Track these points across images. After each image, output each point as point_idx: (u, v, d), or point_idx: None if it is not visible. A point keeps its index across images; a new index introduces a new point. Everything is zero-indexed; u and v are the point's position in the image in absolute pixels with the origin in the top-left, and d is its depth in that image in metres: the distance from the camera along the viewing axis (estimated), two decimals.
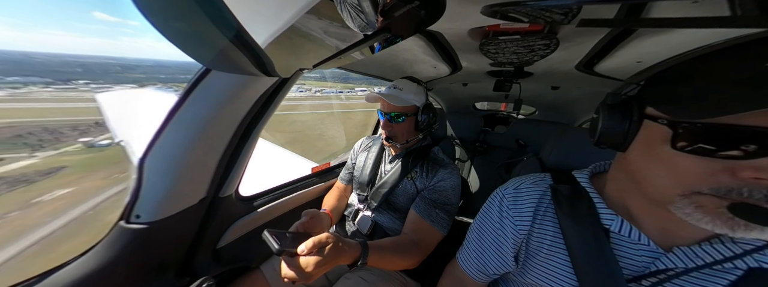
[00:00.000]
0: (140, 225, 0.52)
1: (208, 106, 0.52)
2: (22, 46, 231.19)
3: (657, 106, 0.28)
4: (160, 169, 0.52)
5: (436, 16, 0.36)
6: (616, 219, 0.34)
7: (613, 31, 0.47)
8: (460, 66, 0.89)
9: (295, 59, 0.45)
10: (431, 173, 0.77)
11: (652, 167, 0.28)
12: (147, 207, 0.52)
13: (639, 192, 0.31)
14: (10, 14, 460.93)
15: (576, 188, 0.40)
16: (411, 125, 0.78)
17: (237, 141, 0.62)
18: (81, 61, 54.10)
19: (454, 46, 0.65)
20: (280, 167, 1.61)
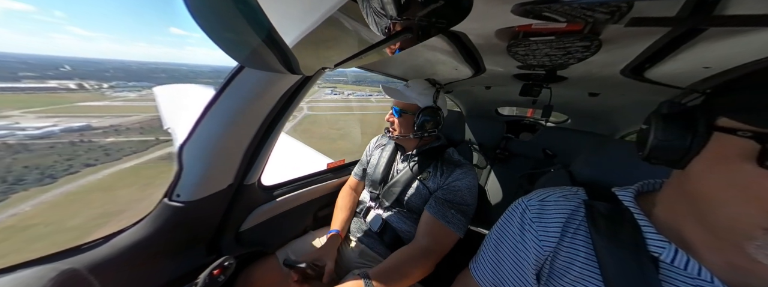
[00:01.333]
0: (179, 203, 0.60)
1: (239, 101, 0.57)
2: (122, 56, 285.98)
3: (735, 115, 0.23)
4: (196, 155, 0.59)
5: (461, 16, 0.35)
6: (669, 246, 0.29)
7: (673, 31, 0.41)
8: (483, 68, 0.85)
9: (318, 58, 0.47)
10: (446, 174, 0.75)
11: (726, 191, 0.23)
12: (185, 188, 0.60)
13: (700, 220, 0.27)
14: (112, 31, 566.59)
15: (617, 207, 0.35)
16: (408, 122, 0.79)
17: (262, 134, 0.67)
18: (162, 67, 64.16)
19: (479, 47, 0.62)
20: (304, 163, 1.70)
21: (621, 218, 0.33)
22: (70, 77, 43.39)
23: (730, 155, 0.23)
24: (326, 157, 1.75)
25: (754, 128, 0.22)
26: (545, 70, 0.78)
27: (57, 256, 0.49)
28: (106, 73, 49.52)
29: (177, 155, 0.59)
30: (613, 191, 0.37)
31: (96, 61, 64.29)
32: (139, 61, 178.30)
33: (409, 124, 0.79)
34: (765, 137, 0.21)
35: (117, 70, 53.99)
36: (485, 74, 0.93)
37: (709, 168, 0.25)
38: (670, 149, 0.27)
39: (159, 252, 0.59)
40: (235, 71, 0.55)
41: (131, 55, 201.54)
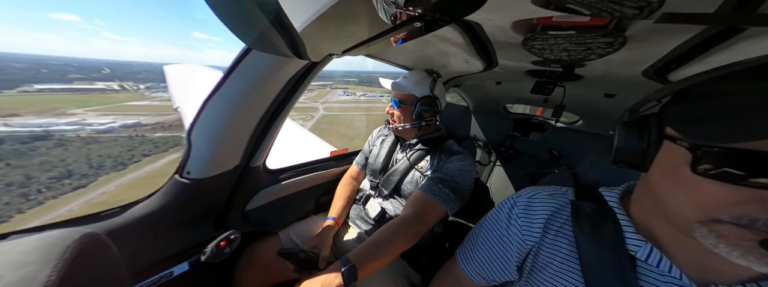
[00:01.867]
0: (189, 180, 0.63)
1: (246, 83, 0.57)
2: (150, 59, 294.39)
3: (676, 125, 0.26)
4: (205, 136, 0.61)
5: (476, 4, 0.33)
6: (645, 246, 0.31)
7: (708, 29, 0.37)
8: (496, 62, 0.81)
9: (325, 44, 0.46)
10: (443, 160, 0.76)
11: (672, 190, 0.26)
12: (195, 166, 0.62)
13: (663, 216, 0.29)
14: (141, 36, 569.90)
15: (602, 207, 0.36)
16: (406, 112, 0.81)
17: (268, 118, 0.68)
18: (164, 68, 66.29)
19: (493, 39, 0.59)
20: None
21: (605, 217, 0.35)
22: (111, 79, 45.73)
23: (676, 160, 0.25)
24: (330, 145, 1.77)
25: (686, 138, 0.24)
26: (562, 67, 0.74)
27: (80, 220, 0.54)
28: (139, 74, 51.20)
29: (186, 134, 0.61)
30: (600, 192, 0.38)
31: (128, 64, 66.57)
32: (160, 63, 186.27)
33: (408, 114, 0.80)
34: (696, 147, 0.23)
35: (148, 72, 55.16)
36: (497, 68, 0.89)
37: (661, 172, 0.28)
38: (631, 153, 0.29)
39: (170, 224, 0.63)
40: (243, 54, 0.55)
41: (157, 57, 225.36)
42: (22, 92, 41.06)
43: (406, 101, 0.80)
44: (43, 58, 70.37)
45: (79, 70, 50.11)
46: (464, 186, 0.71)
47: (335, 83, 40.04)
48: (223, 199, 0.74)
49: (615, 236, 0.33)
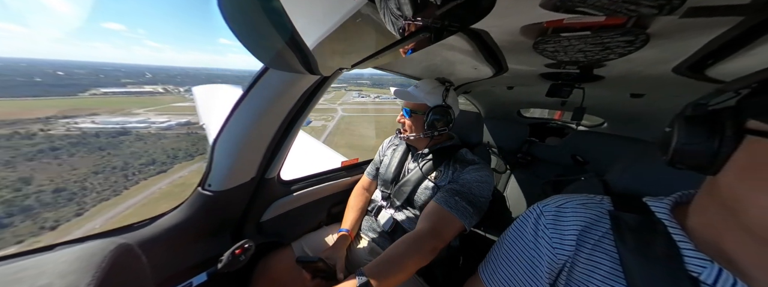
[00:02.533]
0: (210, 192, 0.66)
1: (263, 100, 0.61)
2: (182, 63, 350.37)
3: (766, 117, 0.22)
4: (226, 149, 0.65)
5: (482, 13, 0.34)
6: (711, 266, 0.26)
7: (749, 20, 0.33)
8: (506, 67, 0.80)
9: (335, 59, 0.49)
10: (458, 171, 0.74)
11: (757, 195, 0.22)
12: (216, 179, 0.66)
13: (739, 227, 0.24)
14: (172, 43, 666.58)
15: (648, 219, 0.31)
16: (418, 122, 0.79)
17: (282, 131, 0.71)
18: (215, 73, 73.60)
19: (501, 45, 0.58)
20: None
21: (653, 231, 0.30)
22: (155, 83, 53.14)
23: (763, 158, 0.22)
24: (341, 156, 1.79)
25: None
26: (578, 68, 0.71)
27: (116, 231, 0.58)
28: (176, 78, 58.67)
29: (210, 149, 0.66)
30: (645, 202, 0.33)
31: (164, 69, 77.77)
32: (195, 67, 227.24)
33: (420, 124, 0.78)
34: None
35: (182, 76, 62.61)
36: (507, 73, 0.87)
37: (739, 173, 0.24)
38: (696, 153, 0.26)
39: (192, 236, 0.66)
40: (260, 73, 0.59)
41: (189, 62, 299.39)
42: (93, 94, 48.00)
43: (417, 110, 0.78)
44: (97, 65, 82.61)
45: (128, 75, 58.22)
46: (482, 199, 0.68)
47: (349, 86, 42.68)
48: (241, 211, 0.76)
49: (669, 253, 0.28)
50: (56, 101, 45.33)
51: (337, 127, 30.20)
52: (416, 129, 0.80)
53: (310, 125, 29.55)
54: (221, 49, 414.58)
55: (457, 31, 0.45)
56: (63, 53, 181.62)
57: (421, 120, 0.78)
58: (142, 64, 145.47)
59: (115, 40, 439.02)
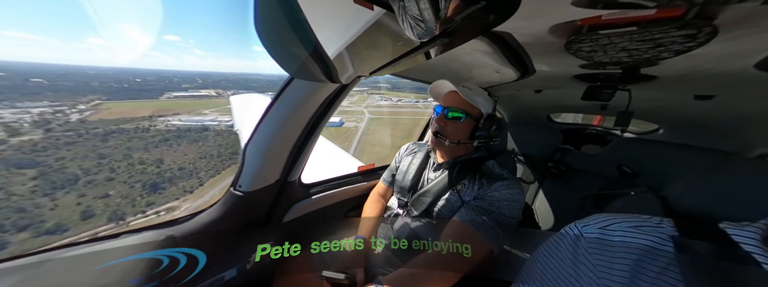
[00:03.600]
0: (241, 192, 0.72)
1: (288, 107, 0.66)
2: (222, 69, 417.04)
3: None
4: (255, 153, 0.71)
5: (505, 15, 0.32)
6: None
7: None
8: (532, 70, 0.74)
9: (354, 68, 0.50)
10: (484, 187, 0.68)
11: None
12: (245, 180, 0.72)
13: None
14: (213, 51, 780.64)
15: (730, 251, 0.25)
16: (467, 129, 0.71)
17: (304, 136, 0.75)
18: (252, 78, 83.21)
19: (527, 47, 0.55)
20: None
21: (737, 267, 0.24)
22: (206, 87, 62.28)
23: None
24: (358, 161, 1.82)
25: None
26: (621, 68, 0.63)
27: (165, 224, 0.66)
28: (220, 83, 67.70)
29: (242, 152, 0.72)
30: (723, 229, 0.27)
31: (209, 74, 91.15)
32: (233, 73, 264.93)
33: (468, 130, 0.70)
34: None
35: (225, 81, 71.48)
36: (535, 75, 0.81)
37: None
38: None
39: (224, 232, 0.71)
40: (286, 83, 0.64)
41: (227, 68, 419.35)
42: (168, 98, 57.12)
43: (472, 114, 0.69)
44: (159, 72, 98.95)
45: (185, 81, 68.23)
46: (512, 220, 0.62)
47: (370, 90, 45.07)
48: (266, 211, 0.80)
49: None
50: (145, 102, 53.67)
51: (367, 127, 31.84)
52: (461, 135, 0.71)
53: (344, 126, 31.61)
54: (254, 55, 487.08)
55: (479, 34, 0.44)
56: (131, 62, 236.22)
57: (471, 126, 0.69)
58: (192, 71, 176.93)
59: (170, 49, 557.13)
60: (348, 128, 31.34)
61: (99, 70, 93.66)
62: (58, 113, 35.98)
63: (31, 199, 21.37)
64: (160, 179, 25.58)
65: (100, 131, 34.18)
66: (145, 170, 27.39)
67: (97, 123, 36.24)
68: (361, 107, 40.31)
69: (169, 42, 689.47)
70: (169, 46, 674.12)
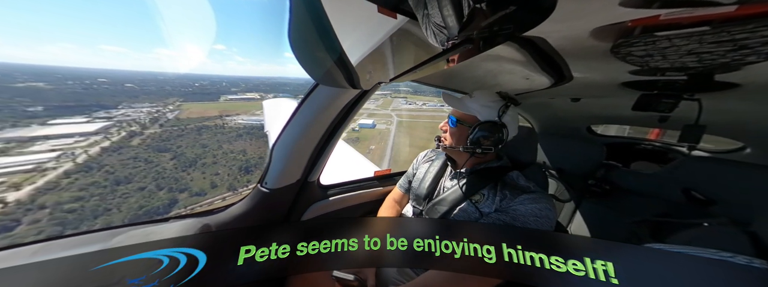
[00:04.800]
0: (266, 189, 0.77)
1: (311, 112, 0.70)
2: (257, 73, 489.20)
3: None
4: (281, 153, 0.76)
5: (538, 19, 0.30)
6: None
7: None
8: (569, 76, 0.67)
9: (375, 74, 0.52)
10: (507, 199, 0.64)
11: None
12: (270, 178, 0.77)
13: None
14: (251, 57, 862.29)
15: None
16: (461, 134, 0.72)
17: (325, 139, 0.79)
18: (282, 81, 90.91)
19: (563, 51, 0.50)
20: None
21: None
22: (250, 90, 70.65)
23: None
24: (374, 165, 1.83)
25: None
26: (688, 75, 0.53)
27: (202, 214, 0.74)
28: (259, 87, 76.17)
29: (269, 152, 0.79)
30: None
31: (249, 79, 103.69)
32: (267, 77, 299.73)
33: (463, 136, 0.71)
34: None
35: (263, 85, 79.90)
36: (572, 82, 0.73)
37: None
38: None
39: (250, 225, 0.77)
40: (311, 89, 0.69)
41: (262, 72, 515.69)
42: (225, 100, 65.57)
43: (464, 121, 0.71)
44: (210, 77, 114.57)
45: (232, 85, 77.87)
46: None
47: (392, 93, 46.67)
48: (286, 209, 0.85)
49: None
50: (210, 104, 61.54)
51: (398, 130, 33.31)
52: (457, 141, 0.73)
53: (377, 128, 33.35)
54: (284, 61, 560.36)
55: (506, 40, 0.41)
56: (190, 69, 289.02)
57: (466, 133, 0.71)
58: (234, 76, 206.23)
59: (217, 57, 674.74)
60: (381, 130, 33.17)
61: (166, 76, 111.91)
62: (158, 111, 43.26)
63: (176, 173, 27.80)
64: (248, 165, 31.16)
65: (192, 127, 40.88)
66: (236, 157, 32.94)
67: (186, 121, 43.29)
68: (387, 110, 41.99)
69: (217, 50, 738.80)
70: (216, 54, 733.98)
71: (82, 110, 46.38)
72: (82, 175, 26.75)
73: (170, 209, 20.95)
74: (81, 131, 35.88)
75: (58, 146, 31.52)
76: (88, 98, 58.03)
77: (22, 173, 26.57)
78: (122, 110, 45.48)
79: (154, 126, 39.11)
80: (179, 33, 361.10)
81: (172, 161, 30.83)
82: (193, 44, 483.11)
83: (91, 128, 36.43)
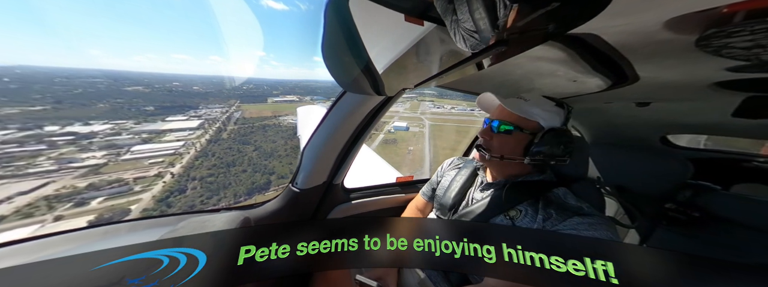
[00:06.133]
0: (297, 189, 0.83)
1: (339, 117, 0.74)
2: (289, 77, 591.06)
3: None
4: (310, 156, 0.81)
5: (587, 15, 0.26)
6: None
7: None
8: (633, 77, 0.55)
9: (400, 81, 0.52)
10: (553, 220, 0.54)
11: None
12: (300, 179, 0.83)
13: None
14: (283, 62, 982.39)
15: None
16: (518, 143, 0.61)
17: (350, 143, 0.82)
18: (313, 85, 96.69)
19: (624, 48, 0.41)
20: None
21: None
22: (287, 93, 77.66)
23: None
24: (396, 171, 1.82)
25: None
26: None
27: (245, 207, 0.84)
28: (295, 89, 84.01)
29: (300, 154, 0.85)
30: None
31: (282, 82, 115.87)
32: (299, 79, 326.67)
33: (519, 145, 0.61)
34: None
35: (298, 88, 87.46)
36: (637, 83, 0.60)
37: None
38: None
39: (281, 221, 0.83)
40: (340, 96, 0.73)
41: (293, 75, 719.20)
42: (273, 102, 73.02)
43: (523, 127, 0.60)
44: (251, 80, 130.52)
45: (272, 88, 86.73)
46: None
47: (419, 96, 46.79)
48: (313, 209, 0.90)
49: None
50: (262, 105, 67.52)
51: (431, 134, 33.90)
52: (511, 151, 0.61)
53: (410, 131, 34.52)
54: (313, 65, 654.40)
55: (547, 40, 0.37)
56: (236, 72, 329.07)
57: (524, 141, 0.60)
58: (270, 79, 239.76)
59: (257, 61, 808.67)
60: (414, 132, 33.77)
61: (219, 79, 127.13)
62: (227, 111, 51.26)
63: (261, 162, 33.26)
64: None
65: (258, 125, 46.28)
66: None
67: (250, 119, 49.38)
68: (416, 113, 42.82)
69: (259, 57, 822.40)
70: (258, 60, 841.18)
71: (179, 110, 54.66)
72: (205, 159, 34.11)
73: (268, 188, 24.39)
74: (188, 126, 46.05)
75: (180, 137, 41.46)
76: (177, 99, 70.66)
77: (168, 156, 34.52)
78: (203, 110, 53.46)
79: (230, 124, 46.24)
80: (230, 42, 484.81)
81: (254, 152, 35.66)
82: (241, 51, 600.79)
83: (193, 124, 46.29)
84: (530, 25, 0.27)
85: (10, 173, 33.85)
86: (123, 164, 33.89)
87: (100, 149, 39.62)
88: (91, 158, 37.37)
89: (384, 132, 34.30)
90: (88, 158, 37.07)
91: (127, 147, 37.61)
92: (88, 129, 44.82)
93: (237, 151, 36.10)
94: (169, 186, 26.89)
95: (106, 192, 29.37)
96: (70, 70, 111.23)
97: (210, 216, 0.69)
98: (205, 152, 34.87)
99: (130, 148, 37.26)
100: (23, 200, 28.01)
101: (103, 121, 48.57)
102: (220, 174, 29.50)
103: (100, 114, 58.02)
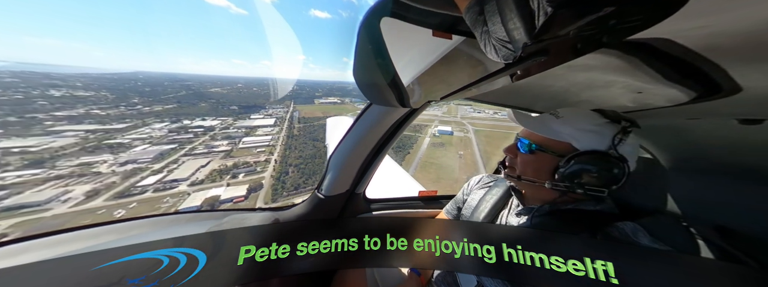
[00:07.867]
0: (321, 195, 0.86)
1: (363, 129, 0.77)
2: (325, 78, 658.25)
3: None
4: (335, 164, 0.85)
5: (655, 18, 0.22)
6: None
7: None
8: (732, 88, 0.43)
9: (425, 93, 0.52)
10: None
11: None
12: (325, 186, 0.86)
13: None
14: (319, 64, 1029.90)
15: None
16: (541, 165, 0.54)
17: (373, 154, 0.83)
18: (349, 87, 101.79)
19: (714, 52, 0.33)
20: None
21: None
22: (327, 95, 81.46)
23: None
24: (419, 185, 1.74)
25: None
26: None
27: (276, 209, 0.90)
28: (333, 91, 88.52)
29: (327, 162, 0.90)
30: None
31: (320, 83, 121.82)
32: (334, 81, 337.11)
33: (544, 167, 0.54)
34: None
35: (335, 90, 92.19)
36: (739, 95, 0.46)
37: None
38: None
39: (305, 228, 0.87)
40: (366, 108, 0.76)
41: (328, 77, 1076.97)
42: (320, 103, 76.77)
43: (549, 148, 0.53)
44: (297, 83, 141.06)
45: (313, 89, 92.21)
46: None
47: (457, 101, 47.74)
48: (336, 215, 0.91)
49: None
50: (311, 106, 72.43)
51: (478, 138, 33.90)
52: (535, 173, 0.55)
53: (455, 135, 34.66)
54: (343, 66, 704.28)
55: (599, 49, 0.32)
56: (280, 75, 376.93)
57: (549, 163, 0.53)
58: (308, 80, 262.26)
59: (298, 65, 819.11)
60: (461, 138, 34.36)
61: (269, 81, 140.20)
62: (287, 111, 58.67)
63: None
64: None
65: (316, 124, 51.86)
66: None
67: (308, 119, 54.79)
68: (456, 117, 43.80)
69: (301, 60, 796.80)
70: (299, 64, 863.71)
71: (254, 109, 60.86)
72: (290, 151, 40.26)
73: None
74: (268, 123, 53.81)
75: (266, 132, 49.54)
76: (248, 99, 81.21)
77: (266, 147, 41.88)
78: (270, 109, 60.22)
79: (295, 122, 53.41)
80: (278, 47, 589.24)
81: (324, 146, 47.63)
82: (287, 56, 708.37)
83: (270, 122, 53.83)
84: (577, 33, 0.24)
85: (184, 154, 45.03)
86: (242, 151, 43.10)
87: (223, 139, 49.68)
88: (220, 145, 47.44)
89: (429, 135, 34.45)
90: (219, 146, 47.20)
91: (238, 139, 46.97)
92: (208, 123, 55.92)
93: (312, 146, 41.41)
94: (278, 169, 33.46)
95: (244, 170, 38.43)
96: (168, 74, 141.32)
97: (249, 214, 0.75)
98: (288, 146, 40.90)
99: (241, 139, 46.44)
100: (204, 171, 38.06)
101: (212, 117, 58.51)
102: (307, 163, 34.66)
103: (206, 112, 68.89)
